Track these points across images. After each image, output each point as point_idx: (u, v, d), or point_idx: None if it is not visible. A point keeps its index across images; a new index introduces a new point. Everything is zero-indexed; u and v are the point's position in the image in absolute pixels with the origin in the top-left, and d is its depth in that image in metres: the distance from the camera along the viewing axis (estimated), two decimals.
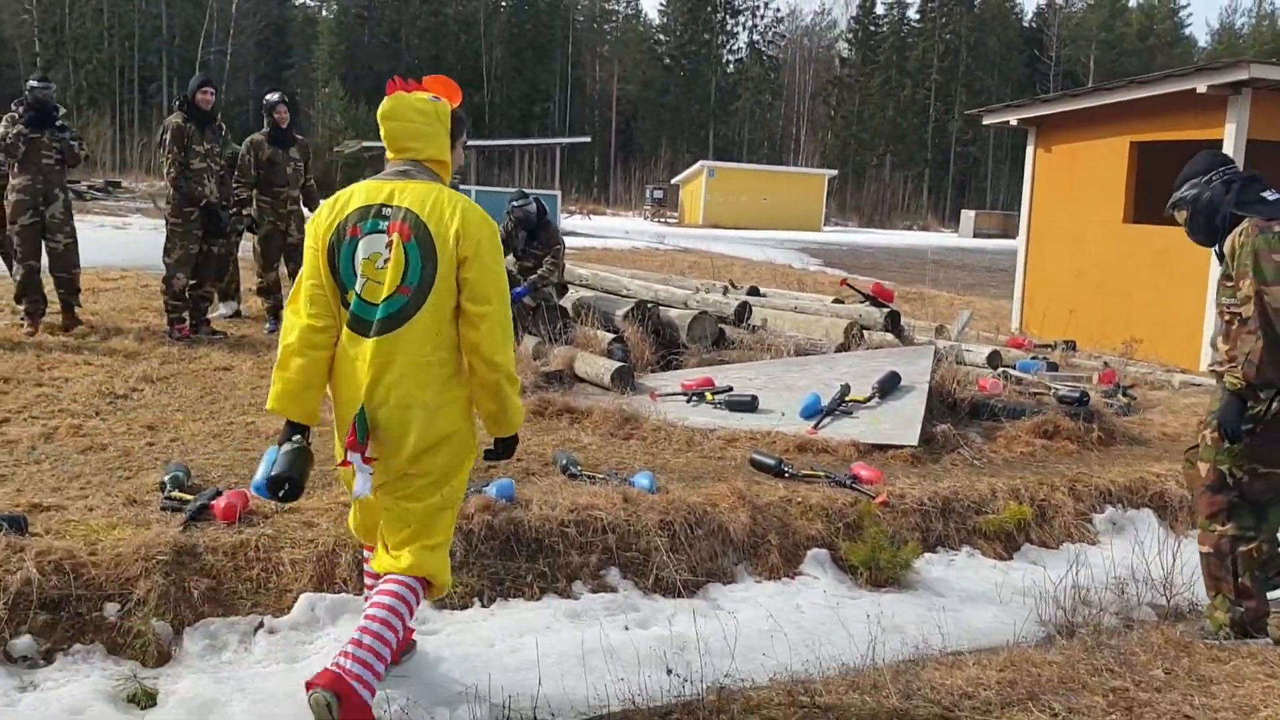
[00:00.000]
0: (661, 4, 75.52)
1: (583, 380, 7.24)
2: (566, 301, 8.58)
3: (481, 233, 2.98)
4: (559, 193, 31.90)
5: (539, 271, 8.02)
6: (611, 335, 7.69)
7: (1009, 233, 49.61)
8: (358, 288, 2.98)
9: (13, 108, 7.86)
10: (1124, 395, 7.88)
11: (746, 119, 72.64)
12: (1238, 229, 3.79)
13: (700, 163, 47.12)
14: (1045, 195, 12.03)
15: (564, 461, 5.10)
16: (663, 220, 42.41)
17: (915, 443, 5.88)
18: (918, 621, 4.21)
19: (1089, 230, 11.36)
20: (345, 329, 3.03)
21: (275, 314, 8.96)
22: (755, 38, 74.64)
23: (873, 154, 71.05)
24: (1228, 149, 9.47)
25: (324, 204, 3.10)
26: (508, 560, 4.21)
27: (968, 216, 51.19)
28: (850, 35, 77.65)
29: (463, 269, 2.96)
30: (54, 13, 58.86)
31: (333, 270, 3.01)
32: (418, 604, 3.12)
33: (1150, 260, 10.55)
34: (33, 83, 7.82)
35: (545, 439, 5.80)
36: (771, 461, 5.36)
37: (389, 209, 2.97)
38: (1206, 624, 4.05)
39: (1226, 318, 3.84)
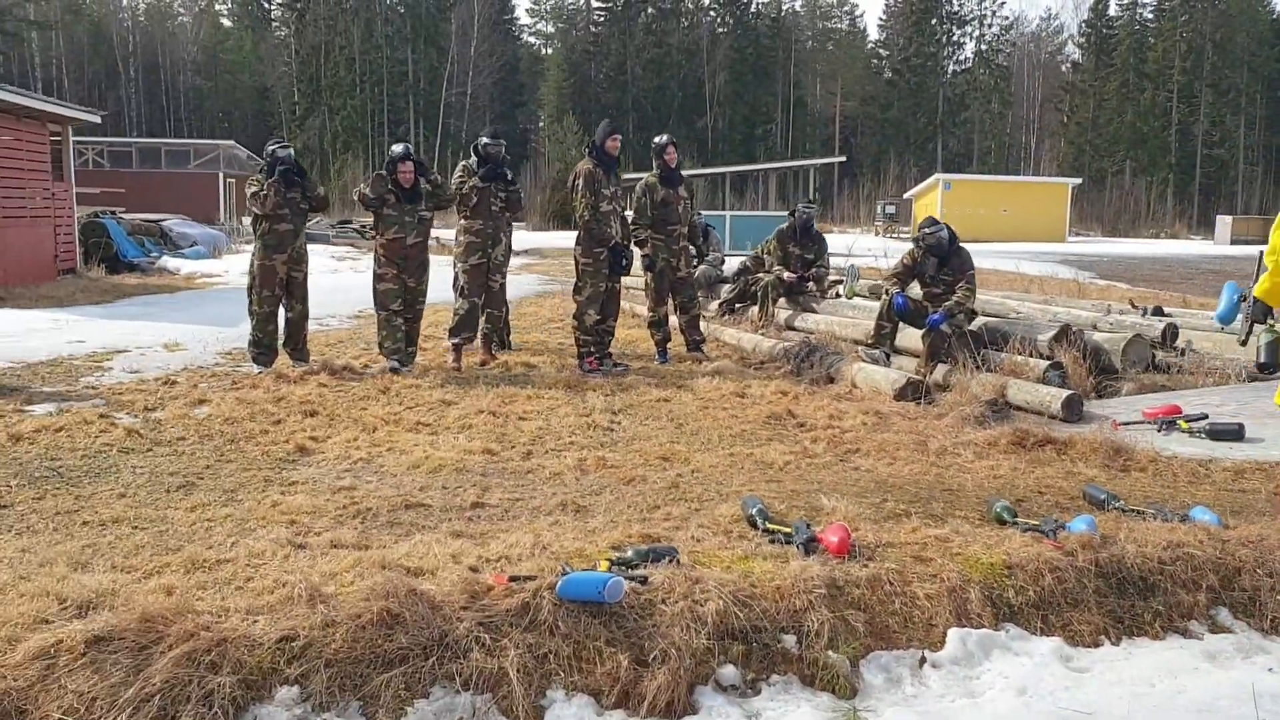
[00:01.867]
0: (881, 19, 74.64)
1: (1018, 408, 7.10)
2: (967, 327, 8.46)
3: None
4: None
5: (955, 298, 7.94)
6: (1045, 361, 7.51)
7: None
8: None
9: (462, 163, 8.71)
10: None
11: (975, 129, 70.70)
12: None
13: (935, 175, 46.19)
14: None
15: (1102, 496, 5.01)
16: (894, 236, 41.54)
17: None
18: None
19: None
20: None
21: (663, 347, 9.22)
22: (983, 46, 72.60)
23: (1111, 161, 67.79)
24: None
25: None
26: (1119, 598, 4.15)
27: (1223, 222, 48.51)
28: (1082, 39, 74.48)
29: None
30: (311, 63, 63.60)
31: None
32: None
33: None
34: (485, 141, 8.70)
35: (1045, 470, 5.71)
36: None
37: None
38: None
39: None
